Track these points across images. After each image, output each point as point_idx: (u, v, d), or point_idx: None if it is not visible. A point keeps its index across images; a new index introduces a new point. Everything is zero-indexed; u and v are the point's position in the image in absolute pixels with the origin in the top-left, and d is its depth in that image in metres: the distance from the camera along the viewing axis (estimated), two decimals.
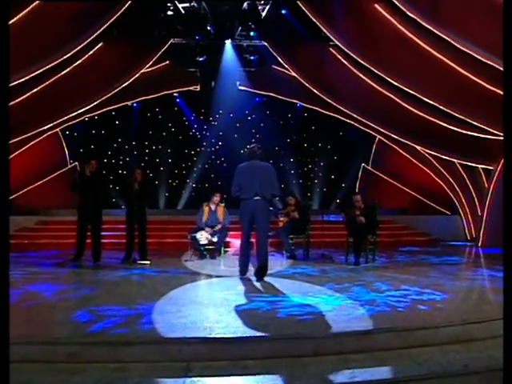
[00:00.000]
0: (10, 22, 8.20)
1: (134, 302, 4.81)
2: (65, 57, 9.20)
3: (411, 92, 9.52)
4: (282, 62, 11.40)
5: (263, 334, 3.76)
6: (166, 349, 3.58)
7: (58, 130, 14.38)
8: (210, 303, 4.82)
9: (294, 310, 4.54)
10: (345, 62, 10.85)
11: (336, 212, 10.02)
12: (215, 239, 8.68)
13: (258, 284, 6.07)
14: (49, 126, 11.04)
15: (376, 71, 9.60)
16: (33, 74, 9.06)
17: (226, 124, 16.12)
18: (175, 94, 15.00)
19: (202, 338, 3.65)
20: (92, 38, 9.20)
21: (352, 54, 9.69)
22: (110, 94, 11.07)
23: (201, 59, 13.24)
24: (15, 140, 11.08)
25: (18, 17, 8.31)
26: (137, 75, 11.31)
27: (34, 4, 8.32)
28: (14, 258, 8.66)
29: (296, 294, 5.31)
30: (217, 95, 14.57)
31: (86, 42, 9.16)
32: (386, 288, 5.68)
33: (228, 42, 12.84)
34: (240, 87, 13.54)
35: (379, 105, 11.01)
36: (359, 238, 7.94)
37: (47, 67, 9.19)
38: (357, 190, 14.68)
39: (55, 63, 9.24)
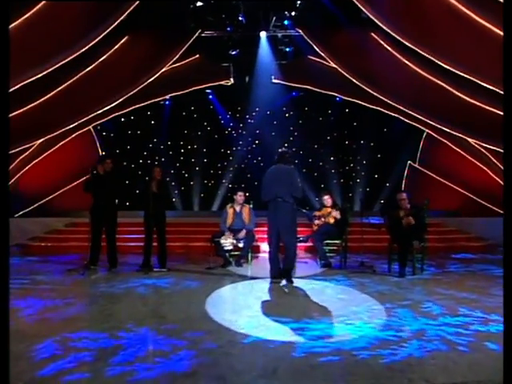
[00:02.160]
0: (25, 17, 7.57)
1: (121, 328, 3.80)
2: (83, 49, 8.39)
3: (466, 76, 8.05)
4: (318, 50, 10.16)
5: None
6: None
7: (91, 130, 13.94)
8: (211, 331, 3.73)
9: (316, 345, 3.38)
10: (388, 47, 9.51)
11: (378, 214, 8.67)
12: (241, 244, 7.61)
13: (281, 302, 4.94)
14: (75, 124, 10.32)
15: (424, 54, 8.19)
16: (49, 70, 8.29)
17: (262, 122, 15.05)
18: (208, 91, 14.07)
19: None
20: (111, 28, 8.34)
21: (396, 36, 8.33)
22: (136, 90, 10.22)
23: (234, 53, 12.26)
24: (41, 140, 10.51)
25: (30, 13, 7.58)
26: (164, 69, 10.43)
27: None
28: (28, 263, 8.03)
29: (324, 318, 4.15)
30: (252, 91, 13.53)
31: (104, 34, 8.30)
32: (439, 312, 4.40)
33: (263, 35, 11.79)
34: (274, 80, 12.37)
35: (427, 94, 9.57)
36: (405, 244, 6.63)
37: (66, 60, 8.40)
38: (402, 189, 13.20)
39: (75, 56, 8.44)
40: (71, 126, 10.25)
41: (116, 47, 9.87)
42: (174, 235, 10.64)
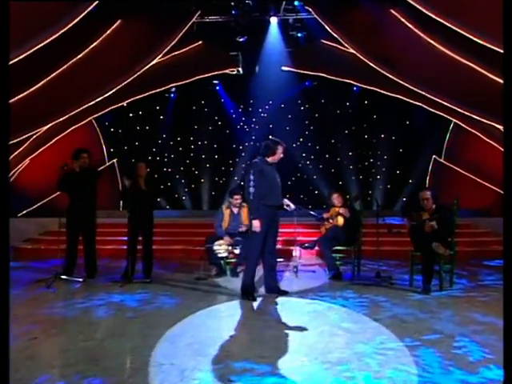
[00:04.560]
0: None
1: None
2: (67, 27, 7.22)
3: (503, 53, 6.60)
4: (329, 30, 8.79)
5: None
6: None
7: (95, 125, 12.98)
8: None
9: None
10: (410, 25, 8.08)
11: (399, 214, 7.29)
12: (237, 250, 6.39)
13: (265, 334, 3.67)
14: (65, 117, 9.27)
15: (455, 29, 6.74)
16: (30, 52, 7.17)
17: (275, 115, 13.77)
18: (215, 82, 12.90)
19: None
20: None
21: (421, 9, 6.89)
22: (132, 78, 9.05)
23: (241, 40, 10.99)
24: (33, 135, 9.46)
25: None
26: (163, 57, 9.30)
27: None
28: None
29: (315, 365, 2.89)
30: (262, 81, 12.24)
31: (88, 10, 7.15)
32: (479, 356, 3.07)
33: (274, 20, 10.48)
34: (284, 68, 11.06)
35: (456, 77, 8.09)
36: (430, 253, 5.28)
37: (49, 41, 7.25)
38: (426, 186, 11.73)
39: (57, 35, 7.28)
40: (61, 119, 9.20)
41: (108, 32, 8.75)
42: (175, 237, 9.56)
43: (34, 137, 9.96)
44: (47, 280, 5.80)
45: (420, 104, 10.00)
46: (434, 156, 12.48)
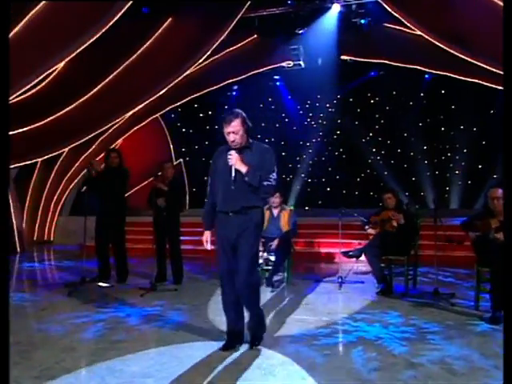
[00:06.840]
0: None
1: None
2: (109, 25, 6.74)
3: None
4: (391, 11, 7.42)
5: None
6: None
7: (164, 126, 12.76)
8: None
9: None
10: None
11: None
12: (273, 257, 5.44)
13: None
14: (124, 118, 8.99)
15: None
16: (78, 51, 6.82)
17: (343, 110, 12.51)
18: (276, 77, 11.98)
19: None
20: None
21: None
22: (186, 73, 8.44)
23: (301, 32, 9.94)
24: (85, 139, 9.22)
25: None
26: (212, 50, 8.58)
27: None
28: (52, 269, 6.78)
29: None
30: (325, 74, 11.03)
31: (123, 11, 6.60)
32: None
33: (335, 8, 9.29)
34: (344, 57, 9.79)
35: None
36: (499, 272, 3.89)
37: (93, 39, 6.81)
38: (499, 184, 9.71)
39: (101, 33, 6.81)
40: (119, 119, 8.93)
41: (160, 31, 8.24)
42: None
43: (101, 138, 9.86)
44: (76, 284, 5.35)
45: (503, 89, 8.20)
46: None
